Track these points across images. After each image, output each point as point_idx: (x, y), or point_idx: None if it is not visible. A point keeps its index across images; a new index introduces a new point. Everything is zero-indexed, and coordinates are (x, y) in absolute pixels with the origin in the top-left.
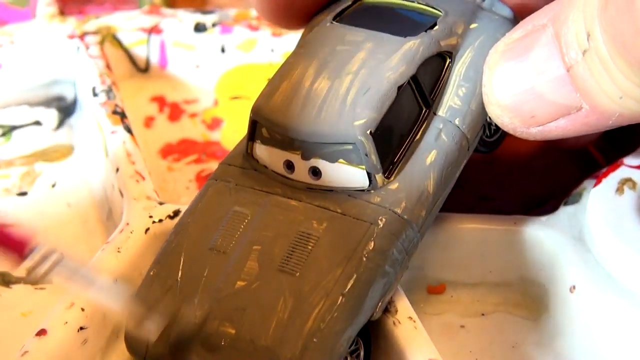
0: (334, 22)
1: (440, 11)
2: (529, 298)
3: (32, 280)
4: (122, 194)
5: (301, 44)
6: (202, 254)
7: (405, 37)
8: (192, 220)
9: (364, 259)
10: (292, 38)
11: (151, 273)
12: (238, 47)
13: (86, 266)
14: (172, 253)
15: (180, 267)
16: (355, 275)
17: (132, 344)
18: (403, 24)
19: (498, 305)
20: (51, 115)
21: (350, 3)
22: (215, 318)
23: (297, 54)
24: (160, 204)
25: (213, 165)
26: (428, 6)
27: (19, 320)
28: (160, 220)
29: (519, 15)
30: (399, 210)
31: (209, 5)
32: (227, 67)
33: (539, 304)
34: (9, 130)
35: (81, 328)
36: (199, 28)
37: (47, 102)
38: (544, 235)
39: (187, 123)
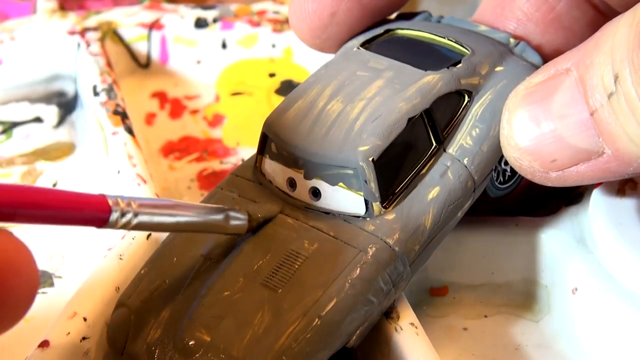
0: (361, 48)
1: (468, 50)
2: (531, 299)
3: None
4: None
5: (325, 65)
6: (193, 259)
7: (425, 70)
8: None
9: (347, 284)
10: (292, 34)
11: (142, 272)
12: (239, 43)
13: (165, 202)
14: (164, 254)
15: (170, 270)
16: (335, 299)
17: (113, 338)
18: (427, 57)
19: (500, 307)
20: (52, 112)
21: (382, 32)
22: (193, 323)
23: (319, 74)
24: None
25: (214, 164)
26: (457, 43)
27: (21, 326)
28: None
29: None
30: (390, 241)
31: (210, 1)
32: (228, 63)
33: (542, 305)
34: (10, 127)
35: (83, 338)
36: (200, 23)
37: (48, 98)
38: (545, 236)
39: (188, 120)
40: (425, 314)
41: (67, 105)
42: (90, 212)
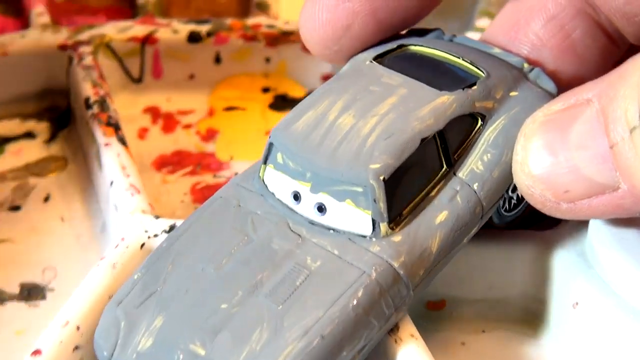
0: (373, 61)
1: (483, 72)
2: (530, 314)
3: None
4: (116, 208)
5: (336, 77)
6: (190, 268)
7: (440, 90)
8: (188, 233)
9: (350, 305)
10: (287, 48)
11: (135, 277)
12: (233, 57)
13: None
14: (159, 260)
15: (165, 276)
16: (337, 320)
17: (100, 345)
18: (442, 77)
19: (499, 322)
20: (44, 127)
21: (395, 47)
22: (187, 335)
23: (329, 86)
24: (156, 218)
25: (208, 178)
26: (472, 65)
27: (13, 339)
28: (156, 235)
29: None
30: (395, 264)
31: (204, 15)
32: (222, 77)
33: (541, 320)
34: (1, 142)
35: (76, 347)
36: (194, 38)
37: (40, 114)
38: (545, 250)
39: (181, 134)
40: (423, 328)
41: (59, 120)
42: None
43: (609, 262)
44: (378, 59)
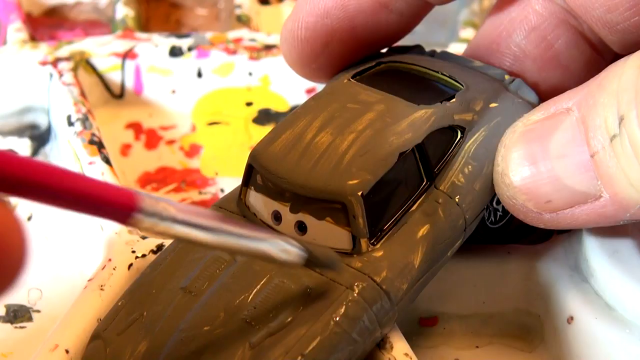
0: (352, 79)
1: (462, 85)
2: (524, 329)
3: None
4: (102, 228)
5: (314, 96)
6: (173, 292)
7: (418, 104)
8: (171, 257)
9: (332, 322)
10: (269, 62)
11: (119, 303)
12: (215, 71)
13: (203, 212)
14: (143, 286)
15: (149, 302)
16: (319, 338)
17: None
18: (420, 92)
19: (493, 337)
20: (24, 145)
21: (374, 64)
22: (170, 358)
23: (308, 105)
24: (143, 238)
25: (193, 195)
26: (451, 78)
27: None
28: (144, 255)
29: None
30: (378, 279)
31: (185, 29)
32: (204, 92)
33: (535, 335)
34: None
35: None
36: (175, 52)
37: (20, 131)
38: (538, 264)
39: (164, 150)
40: (415, 345)
41: (40, 137)
42: (114, 203)
43: (604, 276)
44: (357, 77)
